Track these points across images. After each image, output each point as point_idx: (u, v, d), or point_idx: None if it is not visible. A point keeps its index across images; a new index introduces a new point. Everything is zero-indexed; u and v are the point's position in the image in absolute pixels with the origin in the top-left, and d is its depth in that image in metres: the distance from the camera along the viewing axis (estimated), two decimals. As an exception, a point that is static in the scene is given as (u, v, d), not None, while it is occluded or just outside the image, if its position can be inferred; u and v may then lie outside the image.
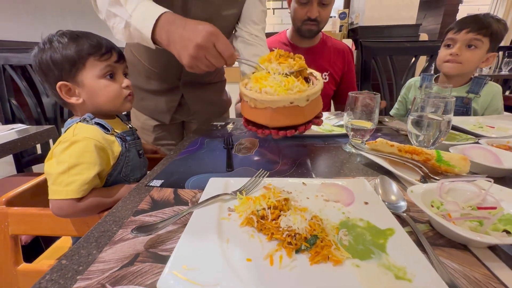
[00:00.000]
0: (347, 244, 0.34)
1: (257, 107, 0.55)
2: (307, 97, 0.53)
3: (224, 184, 0.48)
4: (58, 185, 0.55)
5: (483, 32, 0.88)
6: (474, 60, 0.91)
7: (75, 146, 0.57)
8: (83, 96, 0.61)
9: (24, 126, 1.06)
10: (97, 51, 0.60)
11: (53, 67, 0.58)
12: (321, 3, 1.03)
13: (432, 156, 0.49)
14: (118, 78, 0.65)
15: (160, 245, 0.35)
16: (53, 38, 0.59)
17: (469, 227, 0.34)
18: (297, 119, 0.56)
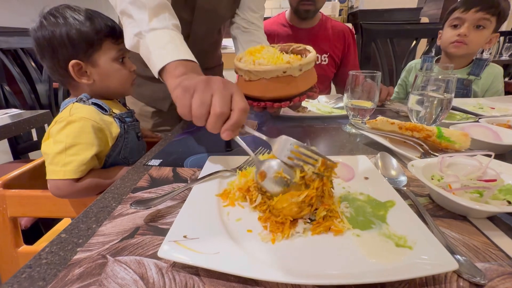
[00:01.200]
0: (348, 216, 0.34)
1: (252, 79, 0.56)
2: (300, 66, 0.54)
3: (224, 161, 0.47)
4: (55, 165, 0.55)
5: (492, 11, 0.85)
6: (480, 41, 0.89)
7: (72, 126, 0.56)
8: (94, 77, 0.61)
9: (18, 111, 1.04)
10: (114, 33, 0.60)
11: (68, 44, 0.56)
12: None
13: (432, 133, 0.49)
14: (127, 63, 0.66)
15: (160, 219, 0.35)
16: (66, 13, 0.57)
17: (469, 198, 0.34)
18: (291, 89, 0.56)
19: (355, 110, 0.65)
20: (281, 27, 1.16)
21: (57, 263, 0.28)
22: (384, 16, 2.55)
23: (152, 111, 0.98)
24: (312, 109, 0.85)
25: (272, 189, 0.33)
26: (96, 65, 0.60)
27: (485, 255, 0.28)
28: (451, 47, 0.93)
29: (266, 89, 0.56)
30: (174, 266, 0.27)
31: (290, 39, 1.14)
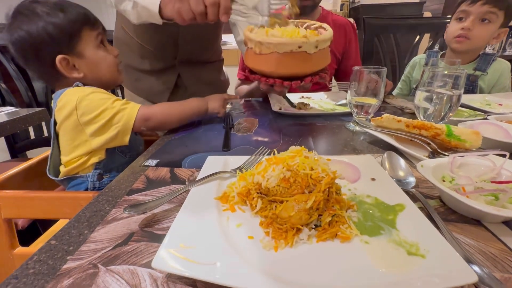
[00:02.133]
0: (356, 221, 0.32)
1: (262, 52, 0.51)
2: (317, 42, 0.50)
3: (223, 162, 0.45)
4: (123, 106, 0.57)
5: (499, 5, 0.82)
6: (485, 36, 0.86)
7: (97, 93, 0.56)
8: (84, 70, 0.58)
9: (14, 109, 1.02)
10: (89, 20, 0.57)
11: (48, 40, 0.53)
12: None
13: (442, 131, 0.47)
14: (108, 47, 0.63)
15: (156, 224, 0.33)
16: (36, 9, 0.53)
17: (484, 201, 0.32)
18: (304, 67, 0.53)
19: (359, 107, 0.63)
20: None
21: (45, 273, 0.26)
22: (386, 11, 2.51)
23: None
24: (314, 106, 0.83)
25: None
26: (82, 56, 0.58)
27: (503, 264, 0.26)
28: (453, 42, 0.90)
29: (278, 64, 0.51)
30: (170, 276, 0.25)
31: None
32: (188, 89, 0.95)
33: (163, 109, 0.63)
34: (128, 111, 0.57)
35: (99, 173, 0.60)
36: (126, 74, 0.90)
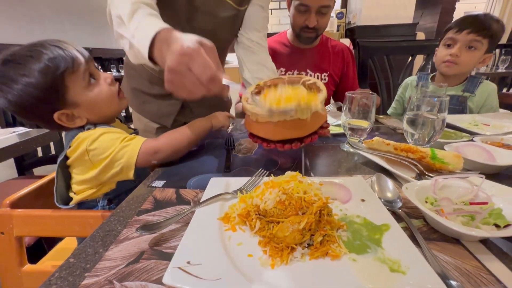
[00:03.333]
0: (345, 240, 0.35)
1: (259, 121, 0.53)
2: (314, 107, 0.49)
3: (225, 183, 0.49)
4: (127, 142, 0.55)
5: (483, 34, 0.88)
6: (472, 61, 0.92)
7: (107, 135, 0.55)
8: (84, 115, 0.56)
9: (25, 129, 1.07)
10: (67, 64, 0.50)
11: (36, 102, 0.49)
12: (320, 12, 1.01)
13: (426, 154, 0.51)
14: (98, 77, 0.58)
15: (164, 243, 0.37)
16: (8, 73, 0.48)
17: (461, 221, 0.35)
18: (300, 131, 0.53)
19: (352, 130, 0.67)
20: (283, 47, 1.20)
21: (66, 289, 0.30)
22: (381, 32, 2.62)
23: (156, 127, 1.00)
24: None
25: None
26: (77, 105, 0.54)
27: (476, 279, 0.29)
28: (443, 66, 0.96)
29: (274, 132, 0.53)
30: (178, 291, 0.29)
31: (292, 58, 1.18)
32: (194, 111, 1.00)
33: (170, 138, 0.61)
34: (131, 147, 0.55)
35: (108, 198, 0.63)
36: (134, 96, 0.95)
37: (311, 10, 1.00)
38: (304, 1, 0.99)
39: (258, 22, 0.84)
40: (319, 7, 0.99)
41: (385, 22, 2.60)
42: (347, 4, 3.04)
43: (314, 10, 1.00)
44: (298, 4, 1.00)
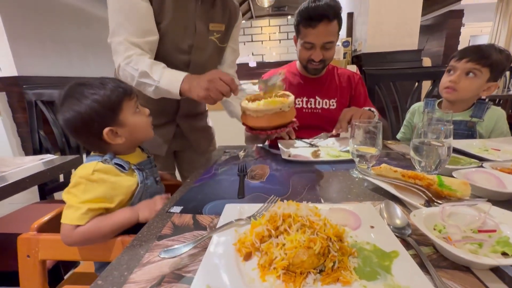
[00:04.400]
0: (356, 266, 0.36)
1: (259, 116, 0.82)
2: (289, 104, 0.84)
3: (239, 210, 0.52)
4: (67, 210, 0.60)
5: (482, 62, 0.91)
6: (471, 88, 0.95)
7: (91, 185, 0.60)
8: (125, 135, 0.66)
9: (51, 157, 1.15)
10: (126, 91, 0.67)
11: (96, 117, 0.61)
12: (324, 47, 1.08)
13: (434, 181, 0.52)
14: (141, 109, 0.72)
15: (184, 267, 0.39)
16: (83, 91, 0.62)
17: (469, 249, 0.36)
18: (284, 119, 0.85)
19: (360, 156, 0.70)
20: (292, 76, 1.27)
21: (96, 310, 0.32)
22: (387, 58, 2.70)
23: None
24: (322, 152, 0.90)
25: None
26: (123, 125, 0.66)
27: (486, 308, 0.30)
28: (444, 92, 1.00)
29: (269, 120, 0.83)
30: (198, 314, 0.31)
31: (301, 86, 1.24)
32: (186, 137, 1.11)
33: (89, 226, 0.60)
34: (70, 213, 0.60)
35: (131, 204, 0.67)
36: None
37: (316, 47, 1.07)
38: (308, 40, 1.07)
39: (231, 61, 1.11)
40: (323, 43, 1.06)
41: (390, 49, 2.68)
42: (353, 33, 3.18)
43: (319, 46, 1.07)
44: (304, 42, 1.09)
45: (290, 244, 0.36)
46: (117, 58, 0.83)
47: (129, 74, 0.82)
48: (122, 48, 0.82)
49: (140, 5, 0.82)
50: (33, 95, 1.50)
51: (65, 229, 0.60)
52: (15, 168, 1.00)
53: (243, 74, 3.52)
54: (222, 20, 1.00)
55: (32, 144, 1.51)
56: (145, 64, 0.80)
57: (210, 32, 0.97)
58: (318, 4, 1.02)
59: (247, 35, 3.51)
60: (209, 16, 0.95)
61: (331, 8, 1.01)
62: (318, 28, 1.03)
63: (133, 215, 0.64)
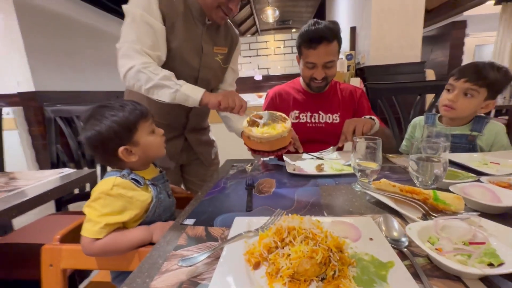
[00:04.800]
0: (355, 275, 0.40)
1: (262, 141, 0.90)
2: (288, 131, 0.91)
3: (248, 222, 0.56)
4: (87, 223, 0.65)
5: (480, 83, 0.94)
6: (469, 107, 0.98)
7: (110, 199, 0.66)
8: (138, 153, 0.72)
9: (69, 171, 1.21)
10: (143, 113, 0.73)
11: (114, 136, 0.68)
12: (326, 66, 1.14)
13: (429, 196, 0.56)
14: (156, 130, 0.78)
15: (199, 275, 0.43)
16: (104, 113, 0.69)
17: (458, 260, 0.40)
18: (283, 143, 0.93)
19: (362, 171, 0.74)
20: (296, 92, 1.33)
21: (123, 312, 0.37)
22: (390, 71, 2.75)
23: None
24: (325, 166, 0.95)
25: None
26: (138, 144, 0.72)
27: (472, 314, 0.33)
28: (442, 110, 1.03)
29: (271, 146, 0.91)
30: (214, 316, 0.35)
31: (304, 102, 1.30)
32: (194, 150, 1.20)
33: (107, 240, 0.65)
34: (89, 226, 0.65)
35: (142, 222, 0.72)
36: None
37: (318, 66, 1.13)
38: (310, 60, 1.13)
39: (231, 80, 1.22)
40: (324, 63, 1.12)
41: (393, 61, 2.73)
42: (356, 46, 3.26)
43: (320, 66, 1.13)
44: (306, 62, 1.15)
45: (294, 254, 0.41)
46: (129, 61, 0.88)
47: (145, 76, 0.87)
48: (138, 55, 0.88)
49: (156, 26, 0.90)
50: (52, 112, 1.60)
51: (85, 242, 0.66)
52: (37, 182, 1.06)
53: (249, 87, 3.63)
54: (225, 44, 1.11)
55: (50, 158, 1.60)
56: (166, 71, 0.89)
57: (215, 53, 1.07)
58: (318, 27, 1.08)
59: (253, 49, 3.62)
60: (214, 40, 1.07)
61: (330, 30, 1.08)
62: (318, 49, 1.09)
63: (147, 236, 0.69)
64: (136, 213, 0.70)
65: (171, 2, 0.94)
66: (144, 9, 0.89)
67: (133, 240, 0.67)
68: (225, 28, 1.11)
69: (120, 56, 0.90)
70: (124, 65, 0.89)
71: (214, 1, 0.93)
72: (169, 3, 0.93)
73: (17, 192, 0.97)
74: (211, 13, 0.97)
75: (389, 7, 2.64)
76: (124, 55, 0.89)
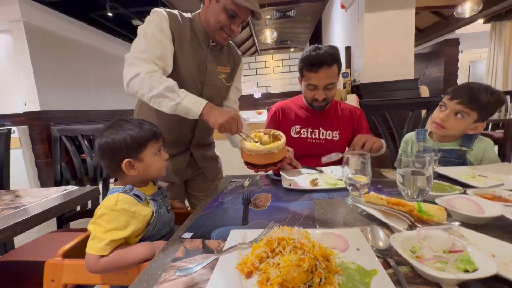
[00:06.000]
0: (340, 283, 0.43)
1: (251, 154, 0.97)
2: (278, 147, 0.96)
3: (243, 235, 0.59)
4: (92, 240, 0.67)
5: (471, 106, 0.98)
6: (458, 128, 1.02)
7: (114, 214, 0.69)
8: (139, 169, 0.76)
9: (72, 188, 1.25)
10: (155, 135, 0.79)
11: (124, 148, 0.73)
12: (326, 88, 1.21)
13: (414, 208, 0.59)
14: (162, 153, 0.83)
15: (195, 284, 0.46)
16: (123, 125, 0.76)
17: (437, 267, 0.42)
18: (272, 159, 0.98)
19: (353, 185, 0.77)
20: (299, 108, 1.39)
21: (123, 319, 0.39)
22: (385, 87, 2.84)
23: (166, 185, 1.18)
24: (320, 181, 0.98)
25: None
26: (142, 160, 0.77)
27: (448, 317, 0.36)
28: (433, 127, 1.08)
29: (259, 159, 0.97)
30: (207, 322, 0.37)
31: (306, 118, 1.36)
32: (199, 165, 1.24)
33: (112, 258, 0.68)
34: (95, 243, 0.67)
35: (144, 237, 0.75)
36: None
37: (319, 88, 1.20)
38: (311, 82, 1.20)
39: (235, 97, 1.28)
40: (325, 85, 1.19)
41: (388, 79, 2.83)
42: (351, 65, 3.38)
43: (321, 87, 1.20)
44: (307, 84, 1.22)
45: (283, 263, 0.43)
46: (135, 68, 0.90)
47: (148, 84, 0.89)
48: (145, 63, 0.91)
49: (166, 42, 0.97)
50: (57, 131, 1.66)
51: (90, 259, 0.68)
52: (42, 199, 1.10)
53: (248, 104, 3.72)
54: (228, 63, 1.18)
55: (54, 175, 1.63)
56: (171, 81, 0.91)
57: (218, 72, 1.14)
58: (319, 52, 1.16)
59: (252, 69, 3.76)
60: (218, 60, 1.13)
61: (330, 55, 1.15)
62: (319, 72, 1.16)
63: (151, 253, 0.70)
64: (138, 228, 0.73)
65: (180, 25, 1.01)
66: (157, 27, 0.96)
67: (136, 258, 0.69)
68: (228, 49, 1.19)
69: (126, 65, 0.93)
70: (129, 72, 0.91)
71: (216, 24, 1.00)
72: (178, 26, 1.01)
73: (22, 209, 1.00)
74: (215, 35, 1.04)
75: (381, 28, 2.78)
76: (131, 63, 0.92)
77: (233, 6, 0.97)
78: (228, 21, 1.00)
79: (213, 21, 1.00)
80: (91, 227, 0.70)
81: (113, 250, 0.68)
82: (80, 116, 4.01)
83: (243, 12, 1.00)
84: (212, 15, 1.00)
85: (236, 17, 1.00)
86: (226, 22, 1.00)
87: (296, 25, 5.87)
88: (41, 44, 3.61)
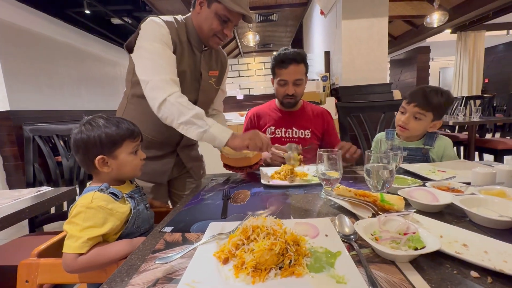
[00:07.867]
0: (309, 264, 0.47)
1: (229, 157, 1.07)
2: (252, 152, 1.06)
3: (221, 226, 0.62)
4: (68, 240, 0.67)
5: (426, 108, 1.10)
6: (419, 128, 1.14)
7: (90, 211, 0.68)
8: (113, 167, 0.77)
9: (47, 189, 1.21)
10: (132, 134, 0.79)
11: (98, 144, 0.74)
12: (295, 83, 1.35)
13: (377, 198, 0.65)
14: (139, 153, 0.83)
15: (174, 272, 0.49)
16: (100, 122, 0.76)
17: (391, 246, 0.48)
18: (247, 162, 1.09)
19: (326, 180, 0.82)
20: (272, 111, 1.50)
21: (104, 305, 0.41)
22: (362, 90, 2.99)
23: (151, 186, 1.17)
24: (297, 178, 1.03)
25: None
26: (116, 158, 0.77)
27: (398, 287, 0.41)
28: (398, 129, 1.18)
29: (236, 162, 1.08)
30: (185, 302, 0.40)
31: (280, 119, 1.46)
32: (186, 165, 1.25)
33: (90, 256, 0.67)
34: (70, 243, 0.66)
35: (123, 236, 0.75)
36: None
37: (289, 83, 1.34)
38: (282, 77, 1.35)
39: (221, 99, 1.34)
40: (294, 80, 1.34)
41: (364, 83, 2.99)
42: (330, 69, 3.52)
43: (291, 82, 1.34)
44: (279, 79, 1.36)
45: (257, 248, 0.47)
46: (161, 93, 0.92)
47: (178, 111, 0.91)
48: (166, 85, 0.92)
49: (172, 56, 0.98)
50: (30, 130, 1.60)
51: (67, 259, 0.66)
52: (14, 200, 1.06)
53: (231, 106, 3.75)
54: (217, 67, 1.21)
55: (26, 177, 1.57)
56: (198, 109, 0.94)
57: (209, 77, 1.16)
58: (288, 51, 1.32)
59: (235, 71, 3.79)
60: (209, 65, 1.15)
61: (298, 54, 1.31)
62: (289, 68, 1.31)
63: (131, 250, 0.69)
64: (117, 225, 0.73)
65: (178, 34, 1.02)
66: (163, 41, 0.96)
67: (116, 255, 0.68)
68: (216, 52, 1.20)
69: (150, 89, 0.93)
70: (156, 97, 0.92)
71: (210, 30, 1.02)
72: (177, 36, 1.01)
73: (-7, 210, 0.96)
74: (208, 40, 1.05)
75: (357, 34, 2.92)
76: (155, 87, 0.92)
77: (225, 11, 0.98)
78: (221, 27, 1.02)
79: (206, 28, 1.02)
80: (67, 227, 0.69)
81: (92, 248, 0.68)
82: (54, 117, 3.82)
83: (235, 16, 1.01)
84: (205, 21, 1.01)
85: (229, 21, 1.02)
86: (219, 28, 1.01)
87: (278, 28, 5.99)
88: (12, 41, 3.42)
